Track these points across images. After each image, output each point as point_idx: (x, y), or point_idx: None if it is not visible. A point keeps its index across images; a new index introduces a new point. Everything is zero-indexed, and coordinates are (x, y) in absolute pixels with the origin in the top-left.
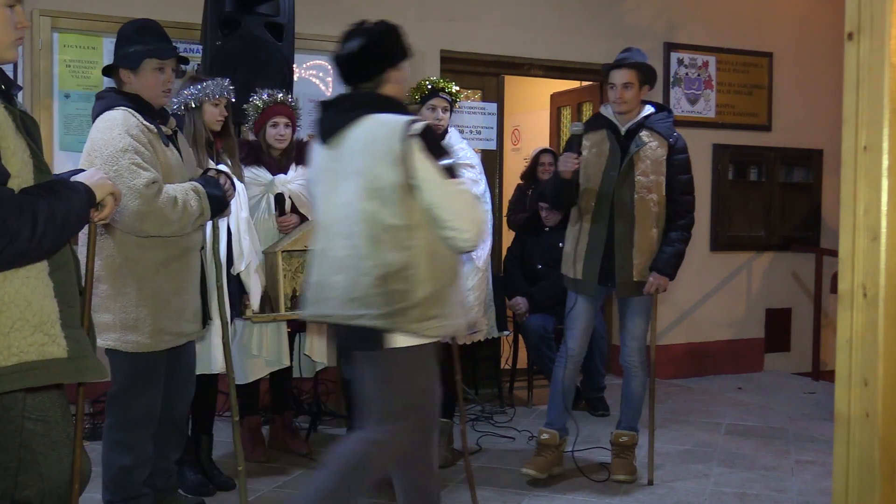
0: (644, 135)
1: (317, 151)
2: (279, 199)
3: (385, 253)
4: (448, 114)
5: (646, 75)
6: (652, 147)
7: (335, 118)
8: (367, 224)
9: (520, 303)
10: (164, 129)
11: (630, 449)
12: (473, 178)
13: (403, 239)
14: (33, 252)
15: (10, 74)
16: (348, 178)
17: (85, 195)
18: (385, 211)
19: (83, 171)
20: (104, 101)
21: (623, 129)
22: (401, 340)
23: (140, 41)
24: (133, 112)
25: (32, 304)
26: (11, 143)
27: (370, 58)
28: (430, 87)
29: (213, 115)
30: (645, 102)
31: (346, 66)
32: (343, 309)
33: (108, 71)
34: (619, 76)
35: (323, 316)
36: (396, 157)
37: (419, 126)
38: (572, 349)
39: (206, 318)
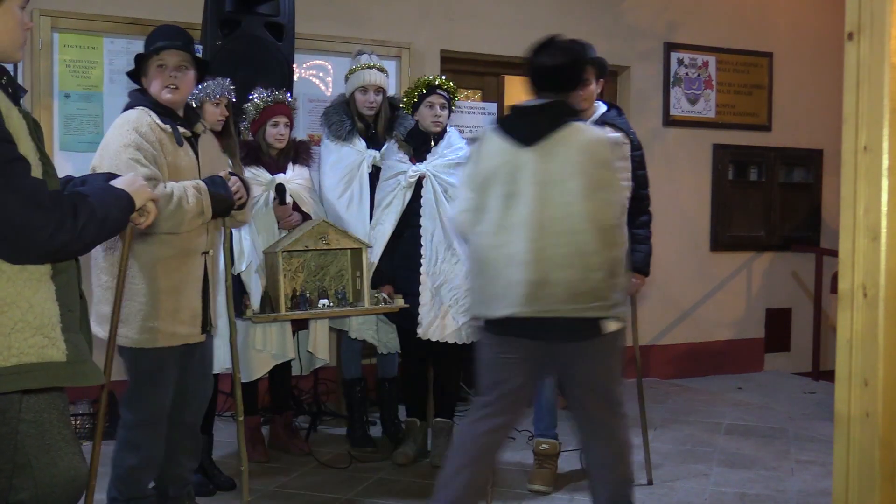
0: (609, 130)
1: (502, 152)
2: (280, 189)
3: (609, 249)
4: (447, 111)
5: (600, 69)
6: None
7: (540, 123)
8: (593, 222)
9: None
10: (182, 130)
11: (552, 458)
12: None
13: (618, 235)
14: (72, 245)
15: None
16: (569, 179)
17: (124, 200)
18: (607, 210)
19: (117, 176)
20: (129, 101)
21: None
22: (612, 325)
23: (147, 45)
24: (149, 111)
25: (34, 307)
26: (25, 146)
27: (572, 73)
28: (427, 83)
29: (214, 115)
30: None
31: (550, 76)
32: (572, 303)
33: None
34: None
35: (546, 312)
36: (610, 162)
37: (618, 136)
38: None
39: (206, 324)
